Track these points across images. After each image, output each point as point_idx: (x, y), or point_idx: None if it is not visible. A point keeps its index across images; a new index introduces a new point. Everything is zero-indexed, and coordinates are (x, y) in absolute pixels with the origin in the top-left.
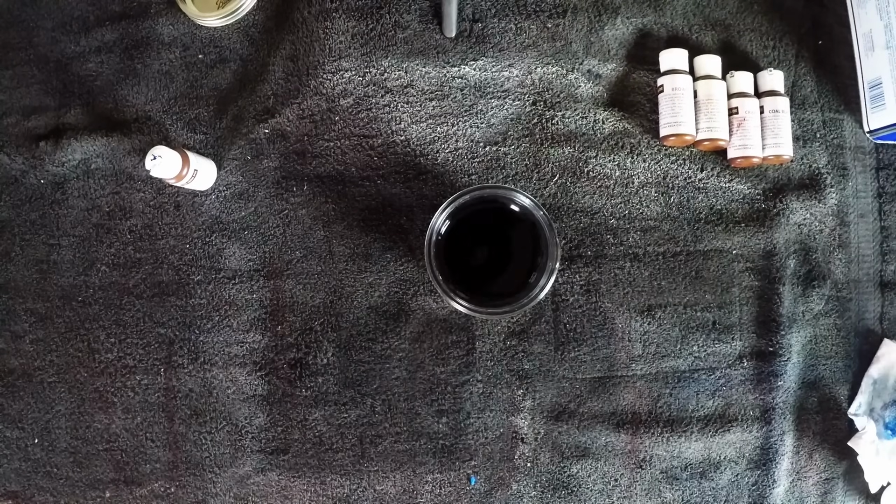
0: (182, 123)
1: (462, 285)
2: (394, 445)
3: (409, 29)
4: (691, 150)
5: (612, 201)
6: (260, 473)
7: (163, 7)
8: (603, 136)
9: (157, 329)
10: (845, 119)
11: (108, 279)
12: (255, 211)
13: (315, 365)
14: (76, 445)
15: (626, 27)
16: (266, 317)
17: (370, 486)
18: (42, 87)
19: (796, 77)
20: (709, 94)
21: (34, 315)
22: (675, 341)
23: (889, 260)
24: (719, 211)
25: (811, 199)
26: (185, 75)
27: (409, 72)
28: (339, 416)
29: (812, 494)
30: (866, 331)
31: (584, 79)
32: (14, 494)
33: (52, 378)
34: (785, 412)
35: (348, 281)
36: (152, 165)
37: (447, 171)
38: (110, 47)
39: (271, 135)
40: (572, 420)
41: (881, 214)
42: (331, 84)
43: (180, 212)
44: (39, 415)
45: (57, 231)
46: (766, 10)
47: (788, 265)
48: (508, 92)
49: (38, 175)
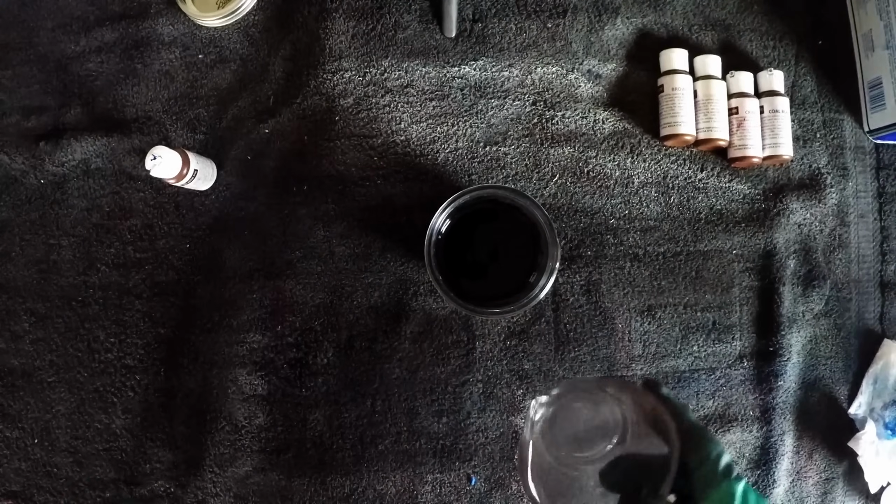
0: (182, 123)
1: (462, 285)
2: (394, 445)
3: (409, 29)
4: (691, 150)
5: (612, 201)
6: (260, 473)
7: (163, 7)
8: (603, 136)
9: (157, 329)
10: (845, 119)
11: (108, 279)
12: (255, 211)
13: (315, 365)
14: (76, 445)
15: (626, 27)
16: (266, 317)
17: (370, 486)
18: (42, 87)
19: (796, 77)
20: (709, 94)
21: (34, 315)
22: (675, 341)
23: (889, 260)
24: (719, 211)
25: (811, 199)
26: (185, 75)
27: (409, 72)
28: (339, 416)
29: (812, 494)
30: (866, 331)
31: (584, 79)
32: (14, 494)
33: (52, 378)
34: (785, 412)
35: (348, 281)
36: (152, 165)
37: (447, 171)
38: (110, 47)
39: (271, 135)
40: None
41: (881, 214)
42: (331, 84)
43: (180, 212)
44: (39, 415)
45: (57, 231)
46: (766, 10)
47: (788, 265)
48: (508, 92)
49: (38, 175)
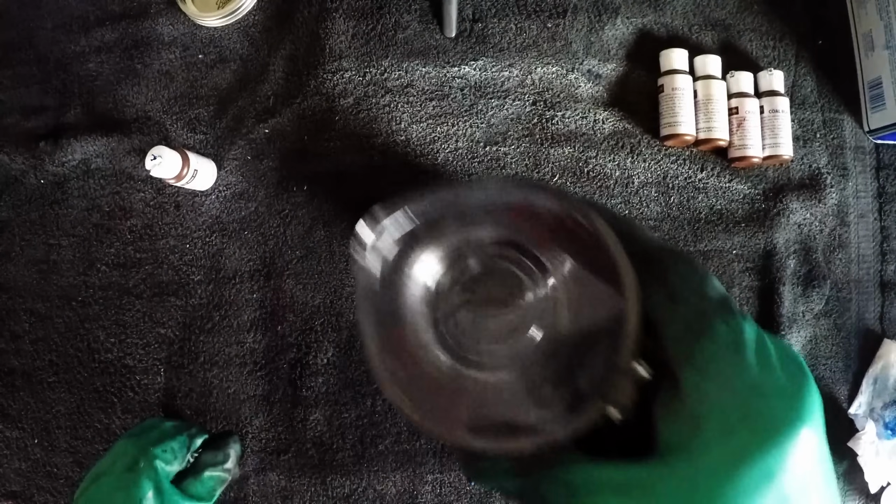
0: (182, 123)
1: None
2: (394, 445)
3: (409, 29)
4: (691, 150)
5: (612, 201)
6: (260, 473)
7: (163, 7)
8: (603, 136)
9: (157, 329)
10: (845, 119)
11: (108, 279)
12: (255, 211)
13: (315, 365)
14: (76, 445)
15: (626, 27)
16: (266, 317)
17: (370, 486)
18: (42, 87)
19: (796, 77)
20: (709, 94)
21: (34, 315)
22: None
23: (889, 260)
24: (719, 211)
25: (811, 199)
26: (185, 75)
27: (409, 72)
28: (339, 416)
29: None
30: (866, 331)
31: (584, 79)
32: (14, 494)
33: (52, 378)
34: None
35: (348, 281)
36: (152, 165)
37: (447, 171)
38: (110, 47)
39: (271, 135)
40: None
41: (881, 214)
42: (331, 84)
43: (180, 212)
44: (39, 415)
45: (57, 231)
46: (766, 10)
47: (788, 265)
48: (508, 92)
49: (38, 175)
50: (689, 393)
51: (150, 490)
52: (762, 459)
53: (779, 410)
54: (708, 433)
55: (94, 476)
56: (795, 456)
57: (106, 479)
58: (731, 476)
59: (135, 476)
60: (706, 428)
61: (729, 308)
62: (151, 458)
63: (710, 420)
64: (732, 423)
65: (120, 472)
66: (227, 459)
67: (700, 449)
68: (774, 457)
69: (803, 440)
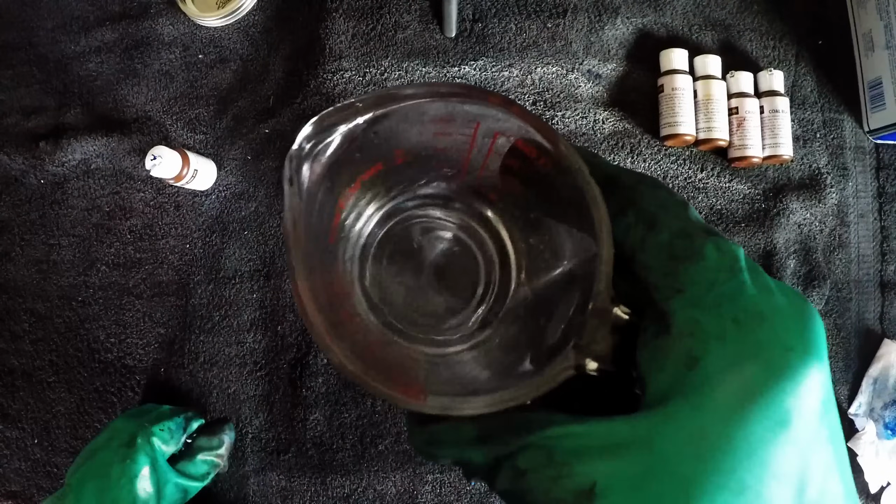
0: (182, 123)
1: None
2: (394, 445)
3: (409, 29)
4: (691, 150)
5: None
6: (260, 473)
7: (163, 7)
8: (603, 136)
9: (157, 329)
10: (845, 119)
11: (108, 279)
12: (255, 211)
13: (315, 365)
14: (76, 445)
15: (626, 27)
16: (266, 317)
17: (370, 486)
18: (42, 87)
19: (796, 77)
20: (709, 94)
21: (34, 315)
22: None
23: (889, 260)
24: (719, 211)
25: (811, 199)
26: (185, 75)
27: (409, 72)
28: (339, 416)
29: None
30: (866, 331)
31: (584, 79)
32: (14, 494)
33: (52, 378)
34: None
35: None
36: (152, 165)
37: None
38: (110, 47)
39: (271, 135)
40: None
41: (881, 214)
42: (331, 84)
43: (180, 212)
44: (39, 415)
45: (57, 231)
46: (766, 10)
47: (788, 265)
48: (508, 92)
49: (38, 175)
50: (681, 329)
51: (147, 465)
52: (777, 396)
53: (788, 338)
54: (709, 371)
55: (89, 452)
56: (808, 398)
57: (102, 454)
58: (743, 418)
59: (132, 451)
60: (706, 365)
61: (716, 231)
62: (149, 434)
63: (710, 355)
64: (737, 357)
65: (117, 448)
66: (221, 445)
67: (702, 391)
68: (789, 393)
69: (814, 377)
